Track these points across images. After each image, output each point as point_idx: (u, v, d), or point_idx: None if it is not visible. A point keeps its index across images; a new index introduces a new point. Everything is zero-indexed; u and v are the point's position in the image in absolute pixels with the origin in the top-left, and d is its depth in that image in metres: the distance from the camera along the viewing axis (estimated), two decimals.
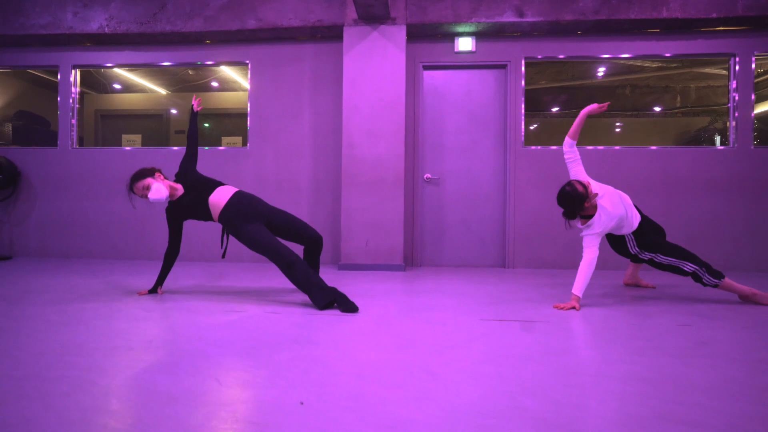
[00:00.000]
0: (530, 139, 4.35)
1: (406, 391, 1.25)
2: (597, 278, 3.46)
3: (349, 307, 2.19)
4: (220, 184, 2.59)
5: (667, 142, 5.44)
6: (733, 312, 2.31)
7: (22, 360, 1.46)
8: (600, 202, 2.45)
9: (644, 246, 2.55)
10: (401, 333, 1.87)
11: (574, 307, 2.33)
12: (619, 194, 2.55)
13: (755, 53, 4.01)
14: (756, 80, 4.68)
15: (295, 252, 2.36)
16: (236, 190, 2.56)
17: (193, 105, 2.77)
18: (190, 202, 2.51)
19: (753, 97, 4.05)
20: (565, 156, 2.60)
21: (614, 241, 2.68)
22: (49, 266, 3.88)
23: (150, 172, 2.52)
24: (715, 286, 2.42)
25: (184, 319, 2.05)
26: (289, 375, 1.36)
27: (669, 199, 4.08)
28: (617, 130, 6.39)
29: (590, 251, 2.41)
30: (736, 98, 4.07)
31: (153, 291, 2.64)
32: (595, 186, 2.48)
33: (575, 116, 2.66)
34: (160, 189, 2.44)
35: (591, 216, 2.45)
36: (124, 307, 2.31)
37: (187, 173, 2.61)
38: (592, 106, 2.61)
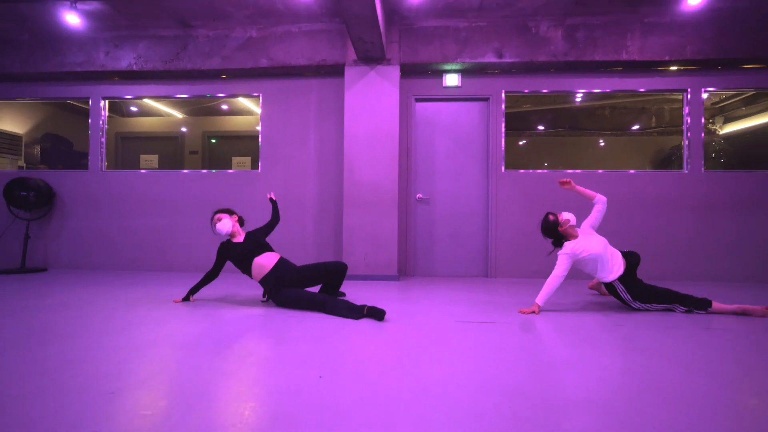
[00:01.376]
0: (519, 156, 4.90)
1: (395, 371, 1.77)
2: (572, 286, 3.99)
3: (379, 315, 2.66)
4: (270, 249, 3.12)
5: (645, 159, 6.03)
6: (665, 317, 2.84)
7: (112, 354, 1.97)
8: (583, 234, 2.98)
9: (638, 297, 2.89)
10: (393, 333, 2.39)
11: (534, 311, 2.85)
12: (605, 243, 2.95)
13: (704, 90, 4.59)
14: (722, 104, 5.31)
15: (319, 293, 2.92)
16: (279, 257, 3.07)
17: (270, 197, 3.46)
18: (242, 250, 3.04)
19: (702, 131, 4.61)
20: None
21: (607, 286, 3.01)
22: (82, 278, 4.38)
23: (230, 212, 3.17)
24: (707, 313, 2.84)
25: (221, 323, 2.56)
26: (310, 360, 1.87)
27: (633, 215, 4.63)
28: (601, 144, 6.96)
29: (558, 269, 2.89)
30: (689, 122, 4.65)
31: (186, 299, 3.16)
32: (584, 228, 3.02)
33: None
34: (226, 224, 3.05)
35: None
36: (168, 313, 2.82)
37: (257, 233, 3.21)
38: (565, 181, 3.09)
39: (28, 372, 1.70)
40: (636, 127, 7.66)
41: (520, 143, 5.67)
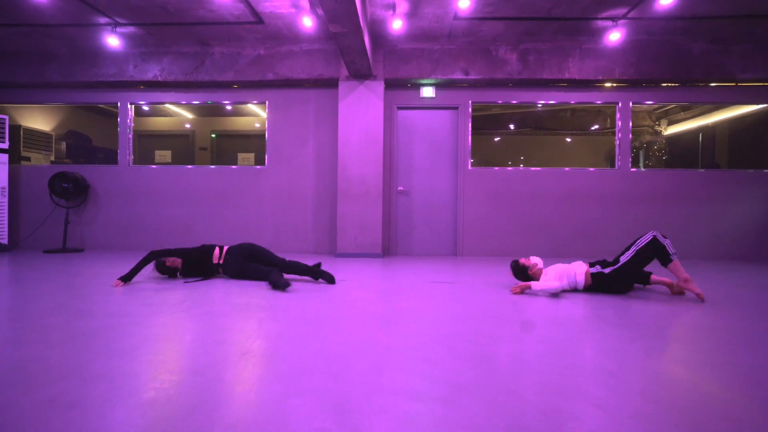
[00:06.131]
0: (486, 153, 5.91)
1: (376, 306, 2.77)
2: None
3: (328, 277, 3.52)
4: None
5: (600, 156, 7.13)
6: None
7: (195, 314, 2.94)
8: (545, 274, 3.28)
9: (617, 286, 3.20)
10: (375, 288, 3.39)
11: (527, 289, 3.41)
12: (565, 274, 3.23)
13: (631, 102, 5.64)
14: (666, 108, 6.40)
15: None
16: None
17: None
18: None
19: (630, 136, 5.67)
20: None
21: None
22: (115, 256, 5.28)
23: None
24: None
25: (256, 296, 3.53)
26: (320, 300, 2.87)
27: (574, 205, 5.68)
28: (567, 141, 8.07)
29: (551, 284, 3.11)
30: (620, 125, 5.69)
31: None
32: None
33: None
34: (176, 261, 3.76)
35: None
36: (215, 283, 3.77)
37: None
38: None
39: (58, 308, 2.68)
40: (595, 127, 8.82)
41: (496, 139, 6.77)
